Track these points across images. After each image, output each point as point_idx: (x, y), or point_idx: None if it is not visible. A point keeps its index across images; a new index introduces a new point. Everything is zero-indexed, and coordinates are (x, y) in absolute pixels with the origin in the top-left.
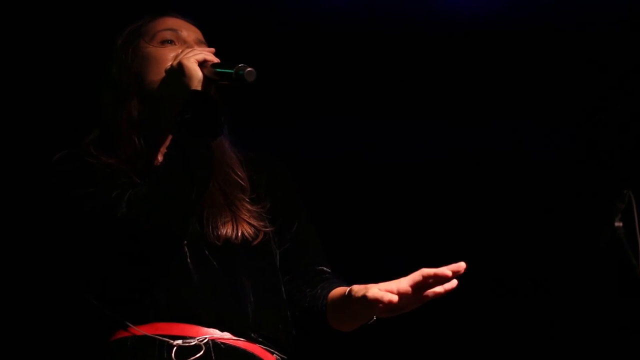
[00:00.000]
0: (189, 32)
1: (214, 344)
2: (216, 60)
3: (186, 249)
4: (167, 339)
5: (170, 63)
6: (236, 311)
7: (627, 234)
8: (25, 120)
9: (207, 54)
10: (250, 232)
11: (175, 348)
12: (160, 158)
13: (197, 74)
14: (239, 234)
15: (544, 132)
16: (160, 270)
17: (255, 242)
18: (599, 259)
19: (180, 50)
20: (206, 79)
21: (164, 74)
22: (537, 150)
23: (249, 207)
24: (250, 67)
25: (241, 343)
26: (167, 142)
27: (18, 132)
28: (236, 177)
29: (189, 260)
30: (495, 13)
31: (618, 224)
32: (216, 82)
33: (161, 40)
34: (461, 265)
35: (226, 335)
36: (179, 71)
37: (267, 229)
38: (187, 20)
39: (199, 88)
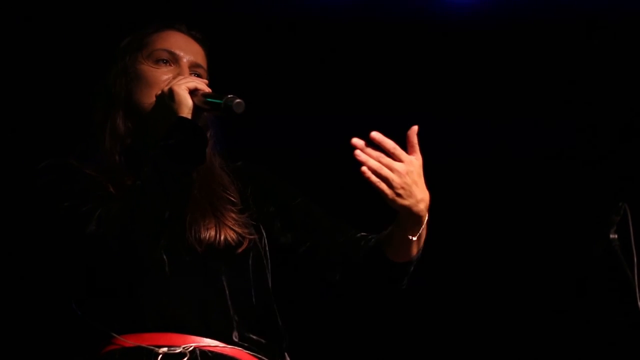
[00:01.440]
0: (189, 53)
1: (200, 352)
2: (207, 90)
3: (165, 256)
4: (153, 348)
5: (162, 88)
6: (221, 318)
7: (622, 246)
8: (18, 123)
9: (199, 83)
10: (234, 238)
11: (160, 356)
12: (137, 177)
13: (187, 101)
14: (222, 239)
15: (541, 139)
16: (136, 281)
17: (239, 249)
18: (594, 270)
19: (173, 74)
20: (195, 108)
21: (153, 96)
22: (532, 158)
23: (234, 215)
24: (239, 98)
25: (228, 350)
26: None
27: (10, 136)
28: (225, 194)
29: (168, 267)
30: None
31: (613, 236)
32: (205, 111)
33: (157, 59)
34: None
35: (213, 342)
36: (169, 97)
37: (252, 236)
38: (191, 36)
39: (188, 116)
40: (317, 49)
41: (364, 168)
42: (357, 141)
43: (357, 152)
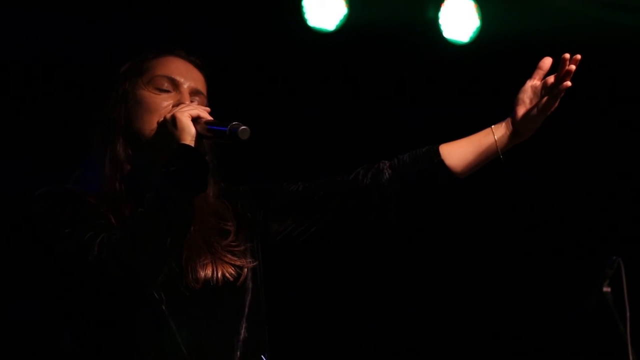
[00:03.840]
0: (189, 80)
1: None
2: (210, 118)
3: (162, 295)
4: None
5: (164, 115)
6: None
7: (616, 299)
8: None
9: (202, 111)
10: (232, 272)
11: None
12: (138, 204)
13: (190, 129)
14: (219, 276)
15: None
16: (133, 317)
17: (239, 282)
18: (587, 323)
19: (174, 100)
20: (198, 136)
21: (153, 122)
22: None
23: (230, 248)
24: (243, 125)
25: None
26: (148, 189)
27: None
28: (221, 224)
29: (165, 306)
30: None
31: (606, 289)
32: (208, 139)
33: (158, 87)
34: (576, 57)
35: None
36: (172, 124)
37: (252, 265)
38: (190, 62)
39: (191, 144)
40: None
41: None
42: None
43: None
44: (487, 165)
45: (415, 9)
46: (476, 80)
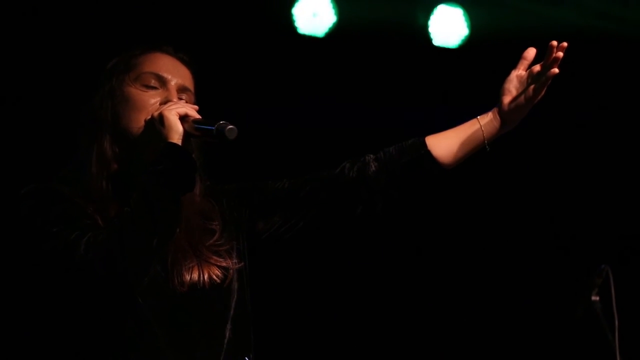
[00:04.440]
0: (177, 77)
1: None
2: (198, 116)
3: (147, 298)
4: None
5: (152, 113)
6: None
7: (604, 308)
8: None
9: (190, 109)
10: (219, 274)
11: None
12: (126, 203)
13: (178, 127)
14: (206, 279)
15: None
16: (117, 319)
17: (225, 284)
18: (575, 331)
19: (161, 98)
20: (186, 134)
21: (141, 120)
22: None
23: (216, 249)
24: (231, 124)
25: None
26: (135, 188)
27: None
28: (206, 223)
29: (151, 310)
30: None
31: (595, 298)
32: (196, 138)
33: (145, 84)
34: (563, 45)
35: None
36: (159, 122)
37: (237, 266)
38: (178, 58)
39: (178, 142)
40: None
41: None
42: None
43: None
44: (476, 171)
45: (405, 17)
46: (464, 85)
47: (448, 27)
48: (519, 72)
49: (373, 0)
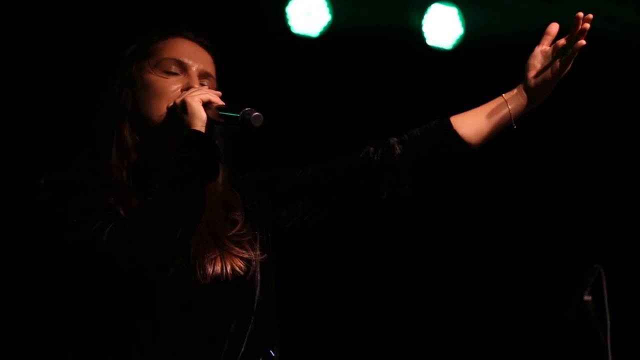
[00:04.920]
0: (198, 62)
1: None
2: (221, 103)
3: (170, 291)
4: None
5: (173, 100)
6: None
7: (596, 308)
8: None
9: (213, 96)
10: (242, 266)
11: None
12: (147, 192)
13: (201, 114)
14: (229, 271)
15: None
16: (138, 312)
17: (248, 276)
18: (568, 331)
19: (182, 84)
20: (209, 121)
21: (162, 107)
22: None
23: (238, 239)
24: (257, 111)
25: None
26: (157, 177)
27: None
28: (228, 213)
29: (173, 302)
30: None
31: (587, 297)
32: (219, 125)
33: (165, 70)
34: (589, 16)
35: None
36: (181, 109)
37: (260, 258)
38: (199, 43)
39: (202, 130)
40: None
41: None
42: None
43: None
44: (468, 170)
45: (399, 17)
46: (459, 86)
47: (442, 26)
48: (543, 48)
49: None
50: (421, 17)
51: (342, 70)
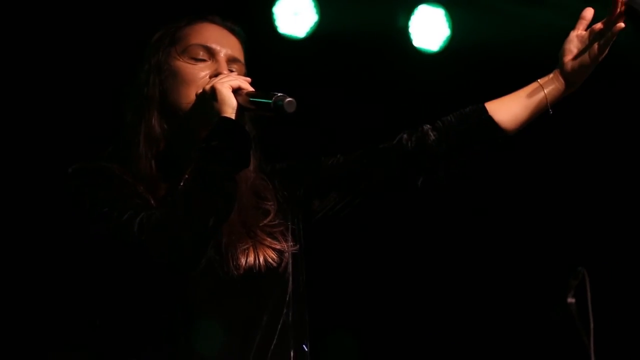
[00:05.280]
0: (226, 47)
1: None
2: (251, 89)
3: (202, 282)
4: None
5: (202, 87)
6: (255, 352)
7: (580, 311)
8: (40, 122)
9: (243, 82)
10: (274, 257)
11: None
12: (178, 181)
13: (232, 101)
14: (261, 262)
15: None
16: (169, 303)
17: (281, 268)
18: (551, 334)
19: (211, 70)
20: (239, 108)
21: (191, 94)
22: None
23: (270, 230)
24: (289, 97)
25: None
26: (187, 165)
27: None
28: (259, 202)
29: (205, 294)
30: None
31: (570, 300)
32: (250, 111)
33: (193, 57)
34: None
35: None
36: (211, 96)
37: (293, 249)
38: (226, 28)
39: (232, 116)
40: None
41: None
42: None
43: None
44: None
45: (386, 18)
46: (446, 88)
47: (429, 28)
48: (579, 32)
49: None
50: (408, 19)
51: (328, 71)
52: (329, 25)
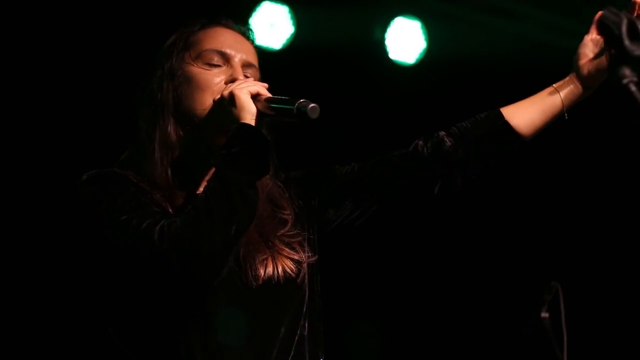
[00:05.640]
0: (241, 52)
1: None
2: (269, 95)
3: (221, 293)
4: None
5: (219, 93)
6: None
7: (553, 325)
8: (52, 128)
9: (261, 88)
10: (292, 268)
11: None
12: (194, 189)
13: (251, 107)
14: (280, 272)
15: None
16: (187, 314)
17: (299, 279)
18: (525, 348)
19: (226, 75)
20: (259, 114)
21: (206, 100)
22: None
23: (288, 240)
24: (312, 102)
25: None
26: (203, 173)
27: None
28: (276, 211)
29: (223, 304)
30: None
31: (544, 314)
32: (270, 118)
33: (207, 62)
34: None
35: None
36: (229, 102)
37: (310, 260)
38: (239, 32)
39: (251, 123)
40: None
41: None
42: None
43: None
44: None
45: (362, 30)
46: (422, 100)
47: (405, 41)
48: (593, 36)
49: (331, 11)
50: (384, 31)
51: (304, 83)
52: (305, 37)
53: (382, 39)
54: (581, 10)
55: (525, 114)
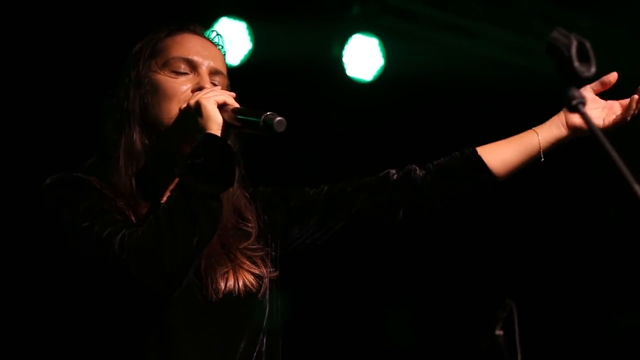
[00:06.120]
0: (208, 59)
1: None
2: (237, 105)
3: (180, 306)
4: None
5: (185, 102)
6: None
7: (508, 342)
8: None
9: (228, 97)
10: (253, 283)
11: None
12: (158, 199)
13: (217, 117)
14: (241, 286)
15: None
16: (145, 325)
17: (260, 294)
18: None
19: (192, 83)
20: (225, 124)
21: (173, 109)
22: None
23: (250, 254)
24: (279, 115)
25: None
26: (168, 182)
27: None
28: (240, 223)
29: (182, 318)
30: None
31: (499, 332)
32: (236, 129)
33: (174, 70)
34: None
35: None
36: (196, 112)
37: (272, 275)
38: (207, 38)
39: (217, 133)
40: None
41: None
42: None
43: None
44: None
45: (320, 47)
46: (379, 117)
47: (363, 58)
48: (593, 96)
49: (289, 28)
50: (342, 48)
51: (261, 100)
52: (263, 54)
53: (340, 56)
54: (536, 29)
55: (501, 154)
